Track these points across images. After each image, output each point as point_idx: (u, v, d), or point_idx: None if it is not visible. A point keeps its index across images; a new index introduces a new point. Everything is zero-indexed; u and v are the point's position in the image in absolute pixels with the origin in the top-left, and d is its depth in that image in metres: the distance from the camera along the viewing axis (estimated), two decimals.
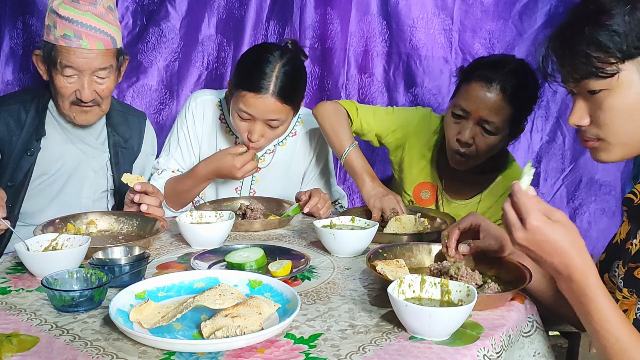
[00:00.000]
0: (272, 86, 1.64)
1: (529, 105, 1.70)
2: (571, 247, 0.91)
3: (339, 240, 1.35)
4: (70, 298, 1.01)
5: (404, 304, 0.93)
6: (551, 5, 2.18)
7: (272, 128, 1.72)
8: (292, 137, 1.96)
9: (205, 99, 1.89)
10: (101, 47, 1.57)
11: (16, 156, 1.65)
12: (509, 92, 1.61)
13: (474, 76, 1.65)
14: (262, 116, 1.68)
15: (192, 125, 1.87)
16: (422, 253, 1.32)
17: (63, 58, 1.56)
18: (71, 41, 1.54)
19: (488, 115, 1.63)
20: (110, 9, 1.62)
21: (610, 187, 2.30)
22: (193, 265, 1.24)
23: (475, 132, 1.66)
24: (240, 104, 1.68)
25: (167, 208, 1.84)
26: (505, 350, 0.97)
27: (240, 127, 1.73)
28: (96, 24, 1.56)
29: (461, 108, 1.67)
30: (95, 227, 1.54)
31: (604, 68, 0.96)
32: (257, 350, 0.88)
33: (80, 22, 1.54)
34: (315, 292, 1.14)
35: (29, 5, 2.02)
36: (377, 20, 2.25)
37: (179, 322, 0.96)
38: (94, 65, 1.58)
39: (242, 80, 1.68)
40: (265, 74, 1.64)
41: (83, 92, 1.59)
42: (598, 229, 2.33)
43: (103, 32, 1.57)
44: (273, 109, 1.67)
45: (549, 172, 2.32)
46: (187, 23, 2.13)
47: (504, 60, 1.68)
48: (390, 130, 1.88)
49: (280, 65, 1.66)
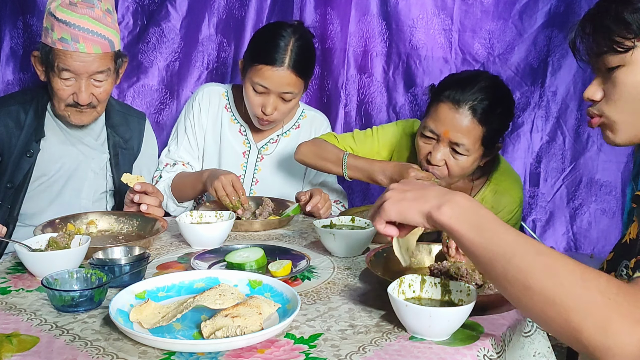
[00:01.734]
0: (287, 59, 1.73)
1: (502, 122, 1.64)
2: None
3: (339, 240, 1.35)
4: (70, 298, 1.01)
5: (404, 304, 0.93)
6: (551, 5, 2.18)
7: (285, 102, 1.79)
8: (295, 129, 2.00)
9: (212, 89, 1.97)
10: (98, 51, 1.57)
11: (15, 157, 1.65)
12: (478, 112, 1.55)
13: (442, 96, 1.59)
14: (278, 89, 1.75)
15: (198, 114, 1.94)
16: (422, 253, 1.32)
17: (60, 61, 1.56)
18: (68, 45, 1.54)
19: (458, 137, 1.57)
20: (109, 12, 1.61)
21: (611, 187, 2.30)
22: (193, 265, 1.24)
23: (446, 154, 1.61)
24: (257, 78, 1.75)
25: (171, 199, 1.85)
26: (506, 350, 0.97)
27: (254, 101, 1.79)
28: (94, 28, 1.56)
29: (430, 129, 1.61)
30: (95, 227, 1.54)
31: (622, 42, 0.99)
32: (257, 350, 0.88)
33: (78, 26, 1.54)
34: (315, 292, 1.14)
35: (29, 5, 2.03)
36: (376, 21, 2.25)
37: (179, 322, 0.96)
38: (91, 69, 1.58)
39: (258, 54, 1.75)
40: (281, 47, 1.73)
41: (80, 95, 1.59)
42: (598, 229, 2.33)
43: (100, 36, 1.57)
44: (288, 81, 1.75)
45: (549, 172, 2.32)
46: (188, 23, 2.13)
47: (475, 77, 1.61)
48: (375, 152, 1.84)
49: (294, 40, 1.74)
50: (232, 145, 1.96)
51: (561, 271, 0.77)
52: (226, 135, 1.95)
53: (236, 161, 1.97)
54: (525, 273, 0.78)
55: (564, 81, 2.23)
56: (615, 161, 2.27)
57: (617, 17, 1.00)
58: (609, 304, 0.73)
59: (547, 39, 2.21)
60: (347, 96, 2.29)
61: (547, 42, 2.21)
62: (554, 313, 0.76)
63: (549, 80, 2.23)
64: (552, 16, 2.19)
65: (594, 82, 1.08)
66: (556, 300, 0.75)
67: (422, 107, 2.25)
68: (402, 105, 2.30)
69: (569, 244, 2.33)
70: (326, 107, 2.29)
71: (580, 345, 0.75)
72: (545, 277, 0.77)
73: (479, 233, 0.84)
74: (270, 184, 1.97)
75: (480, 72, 1.71)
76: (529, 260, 0.79)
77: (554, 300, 0.75)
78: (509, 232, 0.83)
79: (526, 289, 0.78)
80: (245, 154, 1.97)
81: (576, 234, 2.33)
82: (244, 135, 1.97)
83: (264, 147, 1.97)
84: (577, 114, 2.25)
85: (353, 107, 2.32)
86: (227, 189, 1.62)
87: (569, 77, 2.22)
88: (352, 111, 2.30)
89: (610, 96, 1.04)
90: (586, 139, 2.27)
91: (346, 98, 2.29)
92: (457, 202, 0.87)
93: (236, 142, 1.97)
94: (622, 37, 1.00)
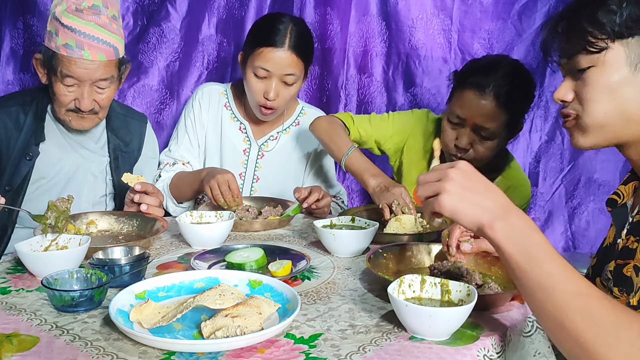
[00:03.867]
0: (287, 40, 1.77)
1: (525, 105, 1.70)
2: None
3: (339, 240, 1.35)
4: (70, 298, 1.01)
5: (404, 304, 0.93)
6: (550, 5, 2.18)
7: (287, 86, 1.82)
8: (295, 126, 2.02)
9: (212, 88, 1.99)
10: (103, 59, 1.55)
11: (14, 160, 1.63)
12: (503, 97, 1.60)
13: (467, 83, 1.64)
14: (279, 70, 1.78)
15: (199, 113, 1.96)
16: (422, 253, 1.32)
17: (63, 67, 1.54)
18: (73, 51, 1.52)
19: (483, 122, 1.63)
20: (115, 18, 1.59)
21: (609, 186, 2.30)
22: (193, 265, 1.24)
23: (473, 139, 1.67)
24: (258, 61, 1.78)
25: (170, 199, 1.85)
26: (506, 350, 0.97)
27: (257, 87, 1.81)
28: (99, 35, 1.53)
29: (456, 115, 1.67)
30: (96, 227, 1.54)
31: (595, 43, 0.99)
32: (257, 350, 0.88)
33: (83, 32, 1.51)
34: (315, 292, 1.14)
35: (30, 6, 2.03)
36: (376, 21, 2.25)
37: (179, 322, 0.96)
38: (95, 76, 1.56)
39: (258, 38, 1.80)
40: (281, 30, 1.78)
41: (82, 101, 1.58)
42: (597, 228, 2.33)
43: (106, 43, 1.55)
44: (289, 62, 1.78)
45: (548, 172, 2.33)
46: (188, 23, 2.13)
47: (497, 63, 1.66)
48: (388, 136, 1.89)
49: (293, 25, 1.81)
50: (233, 143, 1.97)
51: (596, 315, 0.77)
52: (227, 133, 1.97)
53: (237, 158, 1.98)
54: (561, 311, 0.79)
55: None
56: (614, 160, 2.28)
57: (592, 18, 0.99)
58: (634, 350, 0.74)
59: None
60: (347, 96, 2.29)
61: None
62: (581, 355, 0.77)
63: (548, 80, 2.24)
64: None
65: (564, 84, 1.07)
66: (587, 345, 0.77)
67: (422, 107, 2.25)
68: (402, 105, 2.30)
69: (567, 243, 2.34)
70: (326, 107, 2.29)
71: None
72: (580, 320, 0.78)
73: (526, 260, 0.84)
74: (271, 181, 1.99)
75: (501, 57, 1.75)
76: (566, 300, 0.80)
77: (585, 345, 0.77)
78: (555, 264, 0.83)
79: (560, 327, 0.79)
80: (246, 151, 1.98)
81: (574, 233, 2.34)
82: (244, 133, 1.98)
83: (264, 144, 1.98)
84: None
85: (353, 107, 2.32)
86: (222, 188, 1.63)
87: None
88: (352, 111, 2.30)
89: (582, 95, 1.03)
90: None
91: (346, 98, 2.29)
92: (512, 222, 0.86)
93: (237, 140, 1.98)
94: (596, 38, 0.99)
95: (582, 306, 0.78)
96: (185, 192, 1.85)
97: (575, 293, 0.80)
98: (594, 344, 0.76)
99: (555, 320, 0.80)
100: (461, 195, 0.89)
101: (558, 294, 0.80)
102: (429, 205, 0.92)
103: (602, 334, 0.76)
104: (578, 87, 1.04)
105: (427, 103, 2.28)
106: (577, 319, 0.78)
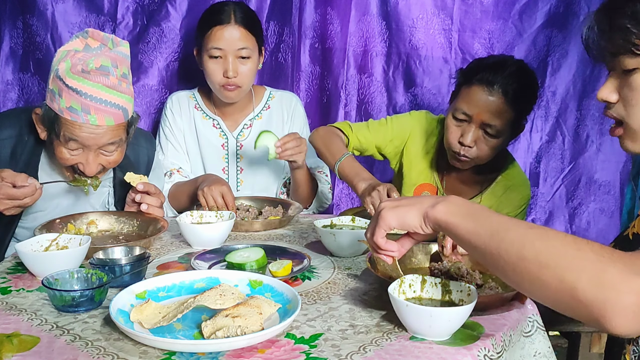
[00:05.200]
0: (233, 16, 1.85)
1: (529, 105, 1.71)
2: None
3: (339, 240, 1.35)
4: (70, 298, 1.01)
5: (404, 304, 0.93)
6: (551, 5, 2.18)
7: (243, 60, 1.86)
8: (266, 110, 2.06)
9: (180, 95, 2.05)
10: (111, 123, 1.41)
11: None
12: (510, 95, 1.61)
13: (475, 79, 1.65)
14: (232, 46, 1.84)
15: (173, 120, 2.01)
16: (421, 253, 1.32)
17: (67, 131, 1.40)
18: (78, 115, 1.38)
19: (490, 119, 1.63)
20: (124, 77, 1.43)
21: (610, 186, 2.30)
22: (193, 265, 1.24)
23: (477, 136, 1.67)
24: (210, 42, 1.85)
25: (169, 209, 1.87)
26: (506, 350, 0.97)
27: (214, 69, 1.87)
28: (107, 97, 1.39)
29: (463, 112, 1.66)
30: (96, 227, 1.54)
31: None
32: (258, 351, 0.88)
33: (90, 95, 1.37)
34: (315, 292, 1.14)
35: (29, 5, 2.02)
36: (376, 21, 2.25)
37: (179, 322, 0.96)
38: (101, 142, 1.43)
39: (205, 23, 1.87)
40: (225, 10, 1.86)
41: (87, 167, 1.46)
42: (597, 228, 2.33)
43: (114, 105, 1.40)
44: (239, 36, 1.85)
45: (549, 172, 2.33)
46: (188, 23, 2.13)
47: (504, 61, 1.67)
48: (388, 140, 1.89)
49: (235, 4, 1.89)
50: (210, 140, 2.01)
51: (553, 237, 0.78)
52: (202, 132, 2.01)
53: (217, 154, 2.02)
54: (519, 244, 0.79)
55: (563, 81, 2.24)
56: (614, 161, 2.28)
57: (634, 17, 0.93)
58: (603, 260, 0.72)
59: (546, 39, 2.21)
60: (347, 96, 2.29)
61: (546, 42, 2.21)
62: (548, 276, 0.75)
63: (549, 80, 2.24)
64: (551, 16, 2.19)
65: (608, 82, 1.01)
66: (550, 262, 0.75)
67: (422, 107, 2.25)
68: (402, 105, 2.30)
69: None
70: (326, 107, 2.29)
71: (577, 307, 0.73)
72: (539, 244, 0.77)
73: (473, 219, 0.86)
74: (255, 170, 2.03)
75: (506, 56, 1.75)
76: (522, 232, 0.80)
77: (547, 264, 0.75)
78: (501, 215, 0.86)
79: (521, 259, 0.78)
80: (224, 145, 2.02)
81: (575, 233, 2.33)
82: (218, 128, 2.02)
83: (240, 134, 2.02)
84: (576, 114, 2.25)
85: (353, 107, 2.32)
86: (218, 202, 1.66)
87: (569, 77, 2.23)
88: (352, 111, 2.30)
89: (627, 100, 0.98)
90: (585, 138, 2.28)
91: (346, 98, 2.29)
92: (451, 200, 0.91)
93: (213, 136, 2.02)
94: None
95: (539, 233, 0.79)
96: (184, 201, 1.85)
97: (528, 227, 0.81)
98: (557, 260, 0.74)
99: (515, 256, 0.79)
100: (397, 204, 0.96)
101: (513, 232, 0.81)
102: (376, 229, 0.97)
103: (564, 249, 0.75)
104: (623, 90, 0.99)
105: (427, 103, 2.28)
106: (536, 244, 0.77)
